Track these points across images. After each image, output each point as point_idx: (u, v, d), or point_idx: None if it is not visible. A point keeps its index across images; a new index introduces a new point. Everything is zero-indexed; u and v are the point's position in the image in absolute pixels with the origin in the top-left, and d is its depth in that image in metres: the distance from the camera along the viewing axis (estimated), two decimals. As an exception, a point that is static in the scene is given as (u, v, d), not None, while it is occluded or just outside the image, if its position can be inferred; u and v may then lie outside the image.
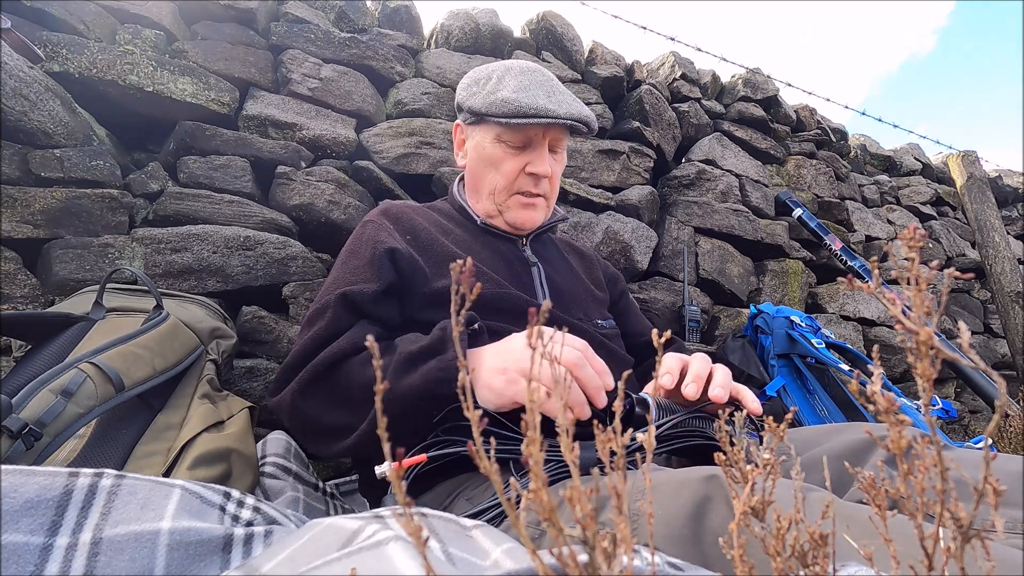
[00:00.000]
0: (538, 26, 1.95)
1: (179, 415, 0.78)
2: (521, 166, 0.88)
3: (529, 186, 0.89)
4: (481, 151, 0.90)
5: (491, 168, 0.89)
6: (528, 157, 0.88)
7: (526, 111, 0.83)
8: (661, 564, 0.34)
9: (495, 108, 0.84)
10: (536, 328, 0.24)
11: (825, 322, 2.07)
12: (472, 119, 0.90)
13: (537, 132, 0.87)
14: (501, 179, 0.89)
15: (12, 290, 1.03)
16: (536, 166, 0.87)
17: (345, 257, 0.84)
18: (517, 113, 0.83)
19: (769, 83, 2.33)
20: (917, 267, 0.23)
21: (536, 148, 0.88)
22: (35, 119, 1.08)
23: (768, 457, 0.31)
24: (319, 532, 0.38)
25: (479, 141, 0.90)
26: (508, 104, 0.83)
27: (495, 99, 0.85)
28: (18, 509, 0.38)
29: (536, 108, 0.83)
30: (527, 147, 0.88)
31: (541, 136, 0.87)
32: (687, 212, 1.94)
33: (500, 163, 0.88)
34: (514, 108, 0.83)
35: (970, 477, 0.23)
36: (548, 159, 0.88)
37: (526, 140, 0.87)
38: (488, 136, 0.89)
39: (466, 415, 0.22)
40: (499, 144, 0.88)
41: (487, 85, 0.89)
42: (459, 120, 0.96)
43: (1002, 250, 2.53)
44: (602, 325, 0.92)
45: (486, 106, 0.86)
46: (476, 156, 0.91)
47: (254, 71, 1.45)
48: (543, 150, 0.88)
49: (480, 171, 0.91)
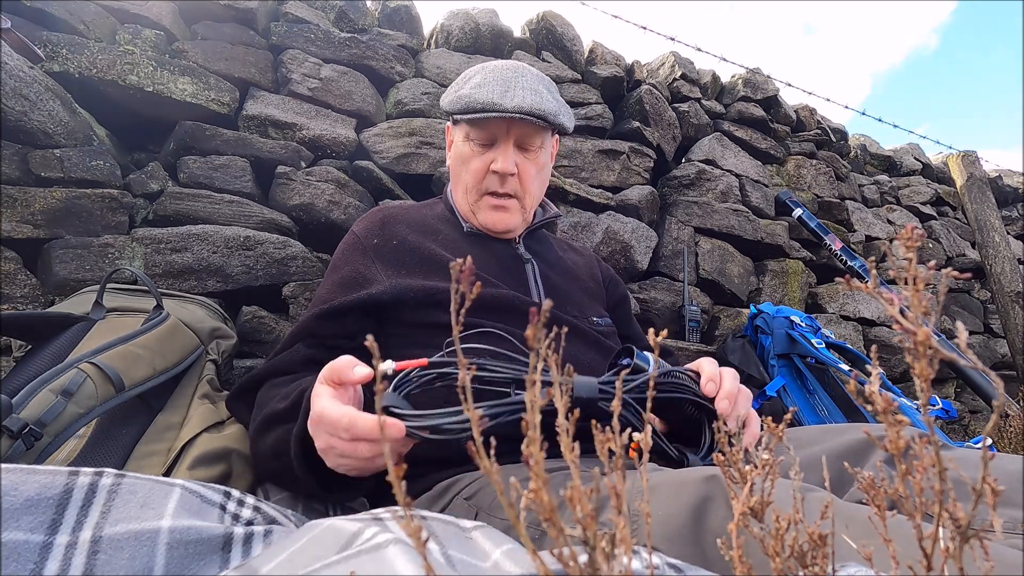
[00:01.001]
0: (538, 26, 1.95)
1: (179, 415, 0.78)
2: (487, 164, 0.88)
3: (495, 185, 0.89)
4: (456, 150, 0.92)
5: (463, 167, 0.91)
6: (493, 155, 0.88)
7: (474, 106, 0.84)
8: (661, 564, 0.34)
9: (454, 105, 0.87)
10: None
11: (825, 322, 2.07)
12: (450, 119, 0.94)
13: (500, 129, 0.87)
14: (470, 178, 0.90)
15: (12, 290, 1.03)
16: (499, 163, 0.87)
17: (329, 270, 0.88)
18: (467, 108, 0.85)
19: (769, 83, 2.33)
20: (915, 267, 0.23)
21: (501, 145, 0.88)
22: (35, 119, 1.08)
23: (767, 457, 0.31)
24: (319, 534, 0.38)
25: (456, 140, 0.93)
26: (462, 100, 0.86)
27: (455, 96, 0.87)
28: (19, 507, 0.38)
29: (484, 103, 0.83)
30: (493, 145, 0.89)
31: (505, 132, 0.87)
32: (687, 212, 1.94)
33: (468, 161, 0.90)
34: (466, 104, 0.85)
35: (969, 477, 0.23)
36: (513, 156, 0.88)
37: (491, 137, 0.88)
38: (460, 135, 0.91)
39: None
40: (468, 142, 0.89)
41: (459, 83, 0.91)
42: (448, 122, 0.98)
43: (1002, 250, 2.53)
44: (597, 323, 0.92)
45: (449, 103, 0.88)
46: (453, 155, 0.93)
47: (254, 71, 1.45)
48: (507, 147, 0.87)
49: (456, 169, 0.93)
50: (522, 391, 0.55)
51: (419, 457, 0.71)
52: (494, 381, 0.56)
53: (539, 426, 0.23)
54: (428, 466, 0.72)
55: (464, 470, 0.70)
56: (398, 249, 0.85)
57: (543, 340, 0.24)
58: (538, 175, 0.93)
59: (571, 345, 0.83)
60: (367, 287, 0.80)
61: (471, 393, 0.24)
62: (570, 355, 0.81)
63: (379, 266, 0.83)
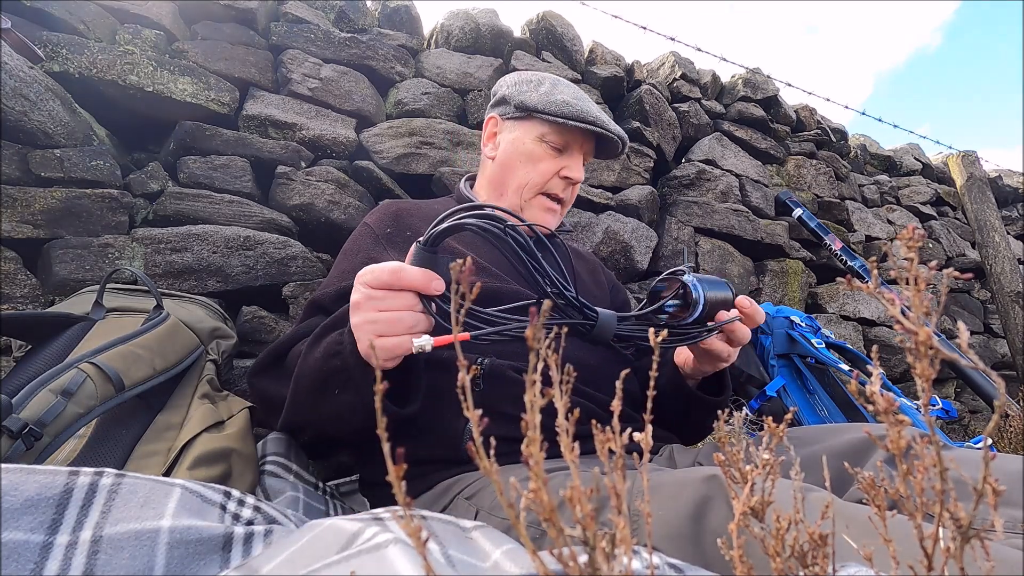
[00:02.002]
0: (538, 26, 1.95)
1: (179, 415, 0.78)
2: (557, 168, 0.91)
3: (558, 189, 0.92)
4: (519, 146, 0.92)
5: (527, 164, 0.92)
6: (565, 161, 0.92)
7: (584, 116, 0.88)
8: (661, 564, 0.34)
9: (553, 107, 0.89)
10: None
11: (825, 322, 2.07)
12: (518, 114, 0.93)
13: (578, 139, 0.92)
14: (536, 176, 0.91)
15: (12, 290, 1.03)
16: (572, 171, 0.91)
17: (340, 257, 0.88)
18: (576, 116, 0.88)
19: (769, 83, 2.33)
20: (916, 267, 0.23)
21: (573, 154, 0.93)
22: (35, 119, 1.08)
23: (767, 457, 0.31)
24: (319, 533, 0.38)
25: (518, 136, 0.93)
26: (568, 106, 0.89)
27: (554, 99, 0.90)
28: (18, 507, 0.38)
29: (592, 116, 0.89)
30: (564, 152, 0.92)
31: (580, 144, 0.92)
32: (687, 212, 1.94)
33: (538, 161, 0.91)
34: (574, 111, 0.89)
35: (969, 477, 0.23)
36: (582, 168, 0.94)
37: (565, 144, 0.92)
38: (531, 134, 0.92)
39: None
40: (541, 143, 0.91)
41: (541, 87, 0.94)
42: (495, 114, 0.98)
43: (1002, 250, 2.53)
44: None
45: (544, 104, 0.90)
46: (512, 150, 0.93)
47: (254, 71, 1.45)
48: (579, 157, 0.93)
49: (512, 165, 0.93)
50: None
51: (420, 457, 0.71)
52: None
53: (539, 426, 0.23)
54: (429, 466, 0.72)
55: (464, 470, 0.70)
56: (412, 240, 0.86)
57: (543, 340, 0.24)
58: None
59: (573, 345, 0.83)
60: None
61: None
62: (571, 355, 0.81)
63: (392, 254, 0.83)
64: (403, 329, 0.54)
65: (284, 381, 0.73)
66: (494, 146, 0.96)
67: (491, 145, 0.97)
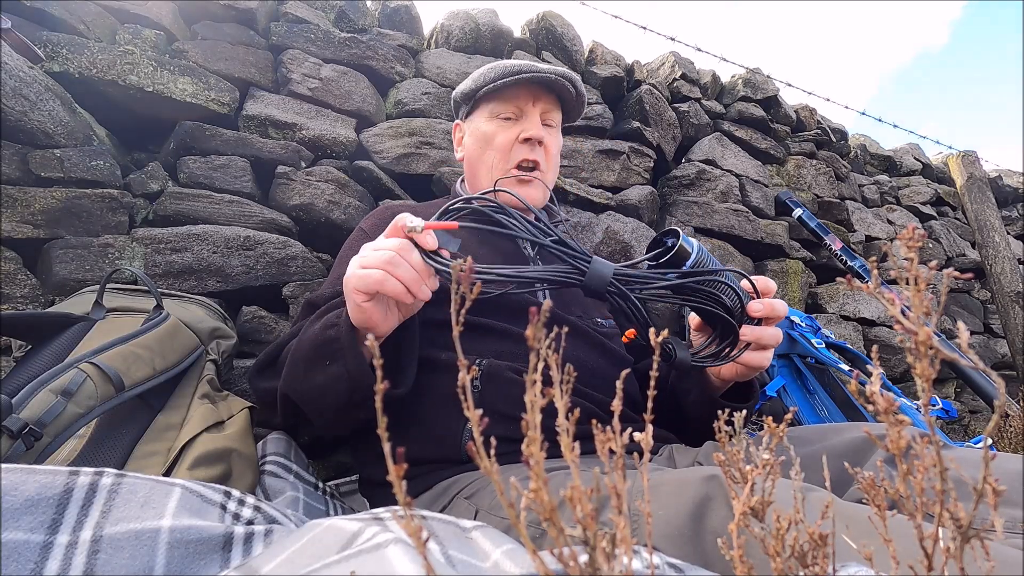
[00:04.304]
0: (538, 26, 1.95)
1: (179, 415, 0.78)
2: (515, 135, 0.91)
3: (525, 154, 0.91)
4: (477, 134, 0.94)
5: (487, 146, 0.92)
6: (521, 125, 0.91)
7: (512, 70, 0.88)
8: (661, 564, 0.34)
9: (484, 78, 0.90)
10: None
11: (825, 322, 2.07)
12: (466, 108, 0.95)
13: (526, 98, 0.91)
14: (497, 154, 0.91)
15: (12, 290, 1.03)
16: (529, 130, 0.90)
17: (336, 262, 0.90)
18: (504, 74, 0.88)
19: (769, 83, 2.33)
20: (916, 267, 0.23)
21: (528, 115, 0.92)
22: (35, 119, 1.08)
23: (767, 457, 0.31)
24: (319, 533, 0.38)
25: (475, 126, 0.94)
26: (496, 69, 0.90)
27: (481, 73, 0.91)
28: (19, 507, 0.38)
29: (520, 66, 0.88)
30: (519, 118, 0.92)
31: (531, 104, 0.91)
32: (687, 212, 1.94)
33: (494, 137, 0.91)
34: (500, 71, 0.89)
35: (969, 477, 0.23)
36: (540, 126, 0.92)
37: (517, 111, 0.92)
38: (483, 116, 0.93)
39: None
40: (493, 120, 0.92)
41: (479, 71, 0.95)
42: (457, 120, 1.01)
43: (1002, 250, 2.53)
44: (601, 324, 0.92)
45: (477, 81, 0.92)
46: (472, 141, 0.95)
47: (254, 71, 1.45)
48: (535, 116, 0.92)
49: (477, 153, 0.94)
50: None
51: (419, 457, 0.71)
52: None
53: (539, 426, 0.23)
54: (428, 466, 0.72)
55: (464, 470, 0.70)
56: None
57: (543, 340, 0.24)
58: (556, 154, 0.97)
59: (573, 346, 0.83)
60: None
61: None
62: (572, 355, 0.81)
63: None
64: (390, 268, 0.56)
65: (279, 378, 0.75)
66: (462, 148, 0.99)
67: (460, 148, 1.00)
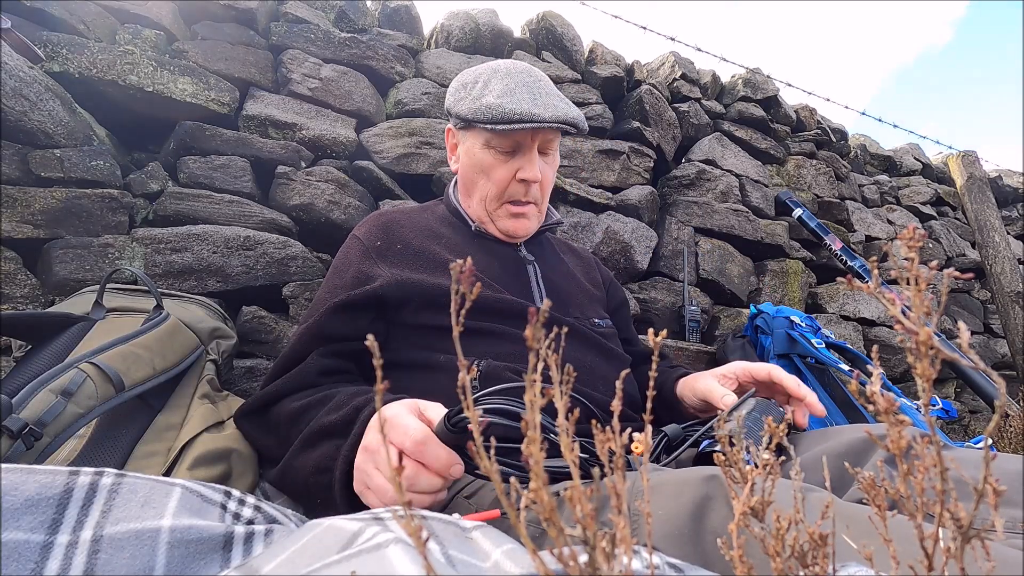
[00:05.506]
0: (538, 26, 1.95)
1: (179, 415, 0.78)
2: (512, 172, 0.86)
3: (519, 194, 0.88)
4: (472, 157, 0.89)
5: (482, 175, 0.88)
6: (519, 163, 0.86)
7: (511, 116, 0.81)
8: (661, 564, 0.34)
9: (481, 114, 0.82)
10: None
11: (825, 322, 2.07)
12: (461, 124, 0.89)
13: (525, 136, 0.85)
14: (492, 187, 0.88)
15: (12, 290, 1.03)
16: (526, 171, 0.86)
17: (330, 273, 0.87)
18: (502, 119, 0.81)
19: (769, 83, 2.33)
20: (916, 267, 0.23)
21: (526, 152, 0.86)
22: (35, 119, 1.08)
23: (767, 457, 0.31)
24: (319, 533, 0.38)
25: (470, 147, 0.89)
26: (493, 110, 0.81)
27: (480, 105, 0.83)
28: (19, 507, 0.38)
29: (521, 113, 0.81)
30: (517, 152, 0.87)
31: (530, 140, 0.85)
32: (687, 212, 1.94)
33: (491, 170, 0.87)
34: (499, 114, 0.81)
35: (970, 477, 0.23)
36: (538, 163, 0.87)
37: (515, 145, 0.86)
38: (478, 142, 0.87)
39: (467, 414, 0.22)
40: (488, 150, 0.86)
41: (473, 90, 0.87)
42: (450, 124, 0.94)
43: (1002, 250, 2.53)
44: (599, 324, 0.92)
45: (472, 112, 0.84)
46: (468, 162, 0.90)
47: (254, 71, 1.45)
48: (532, 154, 0.86)
49: (472, 177, 0.90)
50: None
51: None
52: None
53: (539, 426, 0.23)
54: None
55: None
56: (403, 253, 0.85)
57: (542, 341, 0.24)
58: (552, 177, 0.93)
59: (572, 347, 0.83)
60: (374, 284, 0.80)
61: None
62: (571, 356, 0.81)
63: (383, 267, 0.82)
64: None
65: (264, 431, 0.76)
66: (456, 158, 0.94)
67: (454, 157, 0.95)
